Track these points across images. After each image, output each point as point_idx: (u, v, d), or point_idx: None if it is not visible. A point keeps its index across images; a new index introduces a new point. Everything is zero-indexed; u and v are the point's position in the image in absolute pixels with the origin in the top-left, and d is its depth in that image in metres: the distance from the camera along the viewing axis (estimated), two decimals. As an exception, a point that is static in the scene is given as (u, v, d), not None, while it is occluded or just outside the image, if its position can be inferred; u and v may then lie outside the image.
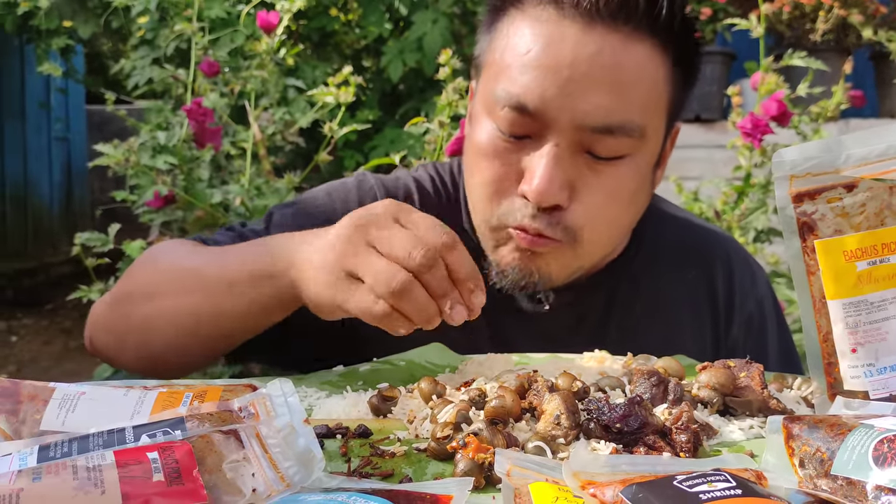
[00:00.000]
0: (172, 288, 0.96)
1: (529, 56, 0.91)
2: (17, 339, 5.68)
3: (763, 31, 2.08)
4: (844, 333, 0.67)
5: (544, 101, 0.90)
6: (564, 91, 0.89)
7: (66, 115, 8.50)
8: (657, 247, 1.13)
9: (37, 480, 0.48)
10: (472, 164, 1.00)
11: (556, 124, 0.91)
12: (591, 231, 0.95)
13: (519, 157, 0.94)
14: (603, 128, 0.90)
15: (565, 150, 0.91)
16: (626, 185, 0.95)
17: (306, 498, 0.49)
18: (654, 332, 1.09)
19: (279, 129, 2.44)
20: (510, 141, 0.94)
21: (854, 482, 0.50)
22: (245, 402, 0.61)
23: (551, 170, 0.90)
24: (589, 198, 0.93)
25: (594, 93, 0.89)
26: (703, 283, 1.13)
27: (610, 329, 1.08)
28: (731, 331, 1.13)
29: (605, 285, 1.09)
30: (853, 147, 0.66)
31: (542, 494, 0.50)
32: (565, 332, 1.07)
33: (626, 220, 1.00)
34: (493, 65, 0.97)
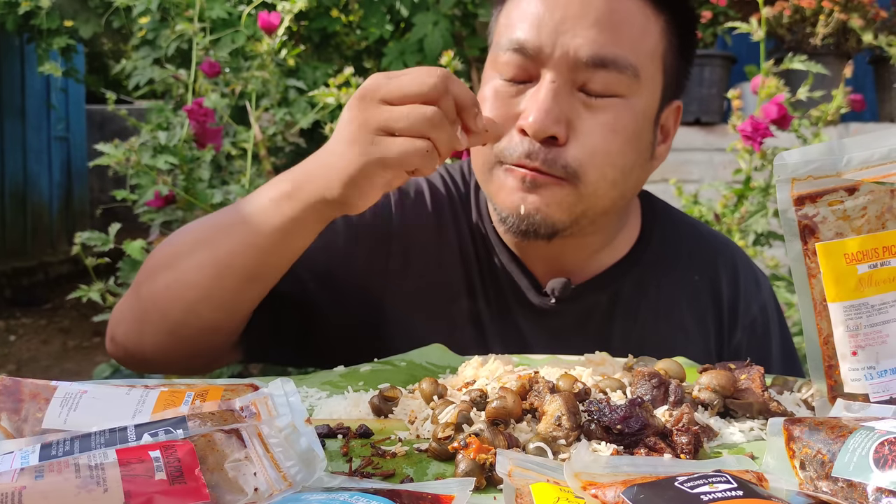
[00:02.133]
0: (188, 248, 0.97)
1: (530, 6, 0.99)
2: (15, 339, 5.68)
3: (763, 35, 2.08)
4: (845, 336, 0.67)
5: (540, 38, 0.96)
6: (559, 29, 0.96)
7: (66, 114, 8.50)
8: (665, 249, 1.14)
9: (39, 478, 0.48)
10: None
11: (551, 60, 0.96)
12: (591, 167, 0.97)
13: (518, 100, 0.99)
14: (596, 59, 0.95)
15: (561, 86, 0.96)
16: (623, 123, 0.98)
17: (308, 497, 0.49)
18: (658, 333, 1.10)
19: (280, 129, 2.44)
20: (511, 86, 0.99)
21: (855, 484, 0.51)
22: (247, 401, 0.61)
23: (548, 102, 0.95)
24: (586, 135, 0.97)
25: (586, 28, 0.96)
26: (708, 288, 1.14)
27: (615, 328, 1.09)
28: (735, 335, 1.14)
29: (612, 283, 1.10)
30: (855, 150, 0.67)
31: (543, 495, 0.50)
32: (571, 329, 1.08)
33: (625, 161, 1.00)
34: (500, 29, 1.03)
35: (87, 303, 2.10)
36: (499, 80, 1.00)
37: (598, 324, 1.09)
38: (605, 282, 1.10)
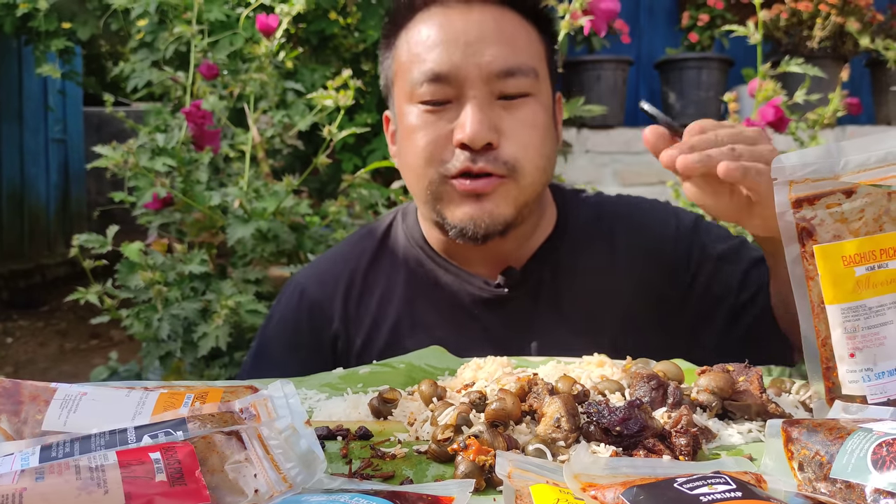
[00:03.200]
0: None
1: (430, 39, 1.11)
2: (12, 341, 5.67)
3: (760, 38, 2.09)
4: (843, 338, 0.67)
5: (454, 65, 1.09)
6: (467, 53, 1.09)
7: (63, 116, 8.49)
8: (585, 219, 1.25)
9: (40, 480, 0.48)
10: (406, 150, 1.15)
11: (469, 81, 1.09)
12: (525, 160, 1.10)
13: (445, 121, 1.10)
14: (506, 71, 1.09)
15: (483, 100, 1.09)
16: (538, 117, 1.13)
17: (308, 499, 0.49)
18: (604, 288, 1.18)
19: (278, 131, 2.44)
20: (435, 110, 1.11)
21: (853, 485, 0.51)
22: (246, 403, 0.61)
23: (477, 114, 1.08)
24: (513, 133, 1.10)
25: (490, 47, 1.09)
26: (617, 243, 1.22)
27: (563, 296, 1.18)
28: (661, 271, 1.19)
29: (547, 258, 1.20)
30: (852, 153, 0.67)
31: (543, 496, 0.50)
32: (528, 309, 1.18)
33: (546, 150, 1.14)
34: (401, 67, 1.15)
35: (85, 305, 2.09)
36: (420, 108, 1.12)
37: (548, 296, 1.19)
38: (542, 257, 1.20)
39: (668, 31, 4.76)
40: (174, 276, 2.07)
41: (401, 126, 1.16)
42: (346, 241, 1.33)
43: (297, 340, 1.23)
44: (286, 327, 1.25)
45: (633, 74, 4.59)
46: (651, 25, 4.85)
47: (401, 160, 1.19)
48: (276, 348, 1.24)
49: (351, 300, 1.22)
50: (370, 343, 1.19)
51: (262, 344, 1.26)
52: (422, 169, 1.12)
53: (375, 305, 1.21)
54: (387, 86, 1.21)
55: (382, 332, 1.19)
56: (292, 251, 2.21)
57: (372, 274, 1.23)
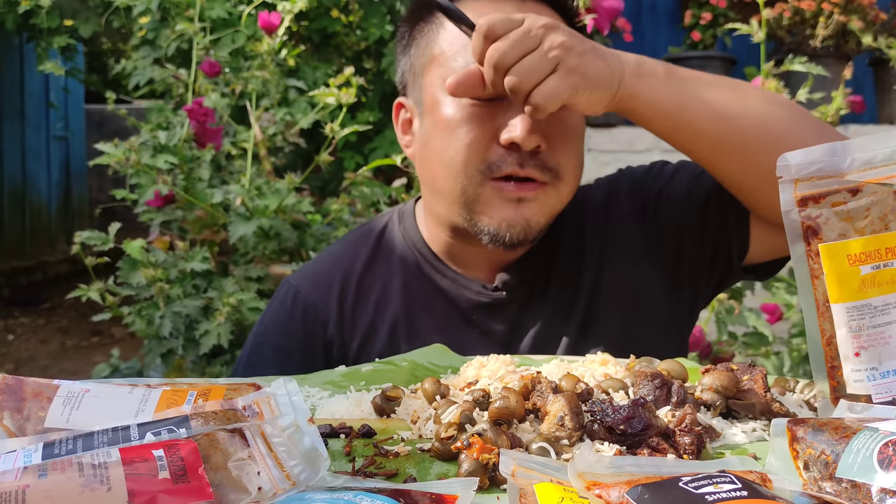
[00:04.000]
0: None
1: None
2: (13, 338, 5.67)
3: (763, 37, 2.08)
4: (848, 337, 0.67)
5: None
6: None
7: (65, 114, 8.49)
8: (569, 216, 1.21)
9: (43, 477, 0.48)
10: (442, 144, 1.09)
11: None
12: (567, 167, 1.09)
13: (493, 116, 1.06)
14: None
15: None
16: (578, 123, 1.11)
17: (312, 496, 0.49)
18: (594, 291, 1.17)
19: (280, 129, 2.44)
20: (482, 106, 1.06)
21: (859, 485, 0.51)
22: (249, 400, 0.61)
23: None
24: (558, 139, 1.07)
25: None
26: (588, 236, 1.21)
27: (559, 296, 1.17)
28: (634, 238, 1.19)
29: (539, 256, 1.18)
30: (858, 151, 0.67)
31: (547, 495, 0.50)
32: (528, 308, 1.17)
33: (581, 157, 1.13)
34: (442, 54, 1.10)
35: (86, 302, 2.09)
36: (465, 100, 1.06)
37: (543, 298, 1.17)
38: (537, 258, 1.18)
39: (671, 30, 4.75)
40: (176, 273, 2.07)
41: (433, 116, 1.10)
42: (340, 242, 1.30)
43: (290, 344, 1.20)
44: (279, 330, 1.22)
45: (636, 73, 4.56)
46: (654, 24, 4.84)
47: (428, 153, 1.13)
48: (269, 352, 1.21)
49: (346, 304, 1.19)
50: (366, 348, 1.17)
51: (254, 347, 1.23)
52: (461, 166, 1.06)
53: (372, 310, 1.18)
54: (410, 72, 1.16)
55: (379, 337, 1.17)
56: (294, 249, 2.21)
57: (367, 278, 1.20)
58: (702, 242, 1.16)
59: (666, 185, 1.20)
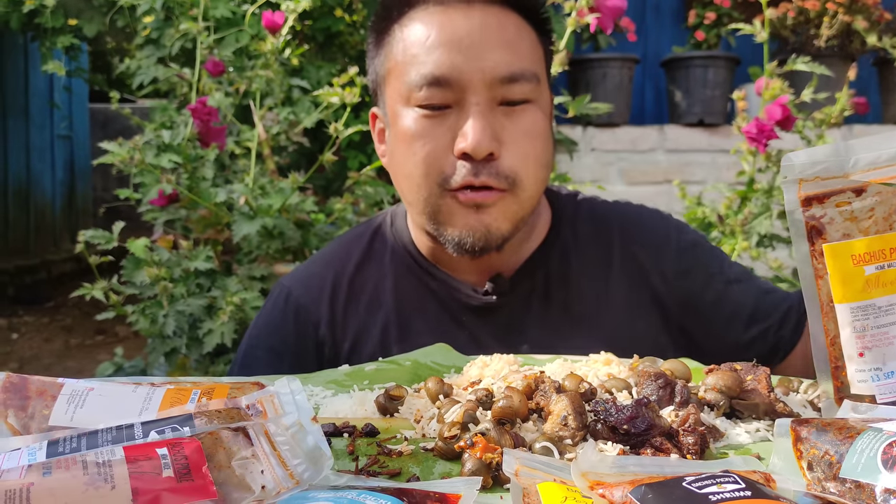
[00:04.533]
0: None
1: (431, 40, 1.06)
2: (18, 337, 5.68)
3: (767, 37, 2.08)
4: (852, 337, 0.67)
5: (455, 68, 1.04)
6: (469, 56, 1.04)
7: (69, 113, 8.51)
8: (578, 229, 1.22)
9: (47, 475, 0.48)
10: (401, 159, 1.11)
11: (471, 86, 1.04)
12: (525, 173, 1.07)
13: (445, 127, 1.06)
14: (509, 77, 1.05)
15: (485, 106, 1.05)
16: (539, 125, 1.09)
17: (316, 495, 0.49)
18: (591, 298, 1.17)
19: (284, 128, 2.44)
20: (434, 115, 1.06)
21: (863, 485, 0.50)
22: (253, 399, 0.61)
23: (480, 122, 1.04)
24: (514, 143, 1.06)
25: (493, 52, 1.05)
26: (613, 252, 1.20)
27: (552, 304, 1.16)
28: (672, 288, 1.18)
29: (538, 266, 1.18)
30: (862, 151, 0.67)
31: (551, 494, 0.50)
32: (516, 318, 1.16)
33: (545, 159, 1.11)
34: (398, 66, 1.10)
35: (90, 301, 2.09)
36: (418, 112, 1.07)
37: (539, 304, 1.17)
38: (533, 265, 1.18)
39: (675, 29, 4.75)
40: (180, 272, 2.07)
41: (394, 128, 1.12)
42: (334, 243, 1.30)
43: (282, 345, 1.20)
44: (271, 332, 1.22)
45: (640, 73, 4.57)
46: (657, 23, 4.83)
47: (394, 165, 1.15)
48: (262, 353, 1.21)
49: (338, 305, 1.19)
50: (357, 349, 1.17)
51: (248, 348, 1.23)
52: (420, 179, 1.07)
53: (363, 311, 1.18)
54: (376, 82, 1.17)
55: (370, 338, 1.17)
56: (297, 248, 2.21)
57: (359, 278, 1.20)
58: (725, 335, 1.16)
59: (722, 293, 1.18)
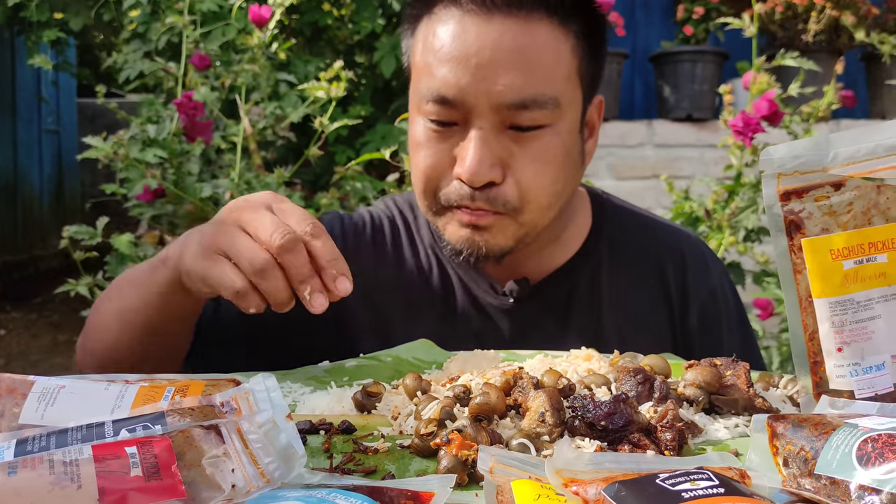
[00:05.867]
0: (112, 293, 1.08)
1: (442, 52, 0.99)
2: (5, 333, 5.65)
3: (755, 31, 2.08)
4: (830, 332, 0.67)
5: (461, 89, 0.98)
6: (476, 77, 0.97)
7: (57, 107, 8.45)
8: (615, 242, 1.18)
9: (12, 475, 0.47)
10: (412, 158, 1.08)
11: (476, 109, 0.98)
12: (528, 201, 1.02)
13: (449, 144, 1.02)
14: (518, 104, 0.97)
15: (489, 131, 0.99)
16: (553, 152, 1.02)
17: (286, 494, 0.49)
18: (613, 324, 1.13)
19: (270, 123, 2.43)
20: (439, 130, 1.02)
21: (837, 482, 0.50)
22: (227, 396, 0.60)
23: (479, 151, 0.98)
24: (520, 170, 1.00)
25: (503, 74, 0.97)
26: (656, 277, 1.17)
27: (572, 322, 1.13)
28: (687, 320, 1.16)
29: (568, 279, 1.14)
30: (841, 146, 0.66)
31: (524, 492, 0.49)
32: (530, 327, 1.12)
33: (558, 186, 1.05)
34: (415, 66, 1.06)
35: (77, 297, 2.08)
36: (426, 123, 1.03)
37: (556, 319, 1.13)
38: (562, 278, 1.14)
39: (664, 24, 4.75)
40: (165, 268, 2.05)
41: (411, 132, 1.08)
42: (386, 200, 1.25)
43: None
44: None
45: (628, 67, 4.57)
46: (646, 18, 4.83)
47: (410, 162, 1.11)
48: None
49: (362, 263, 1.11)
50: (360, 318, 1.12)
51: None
52: (421, 190, 1.06)
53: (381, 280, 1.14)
54: (407, 66, 1.11)
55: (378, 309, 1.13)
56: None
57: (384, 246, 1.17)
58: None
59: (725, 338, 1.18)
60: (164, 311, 0.97)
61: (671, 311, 1.16)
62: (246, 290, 0.81)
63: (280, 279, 0.80)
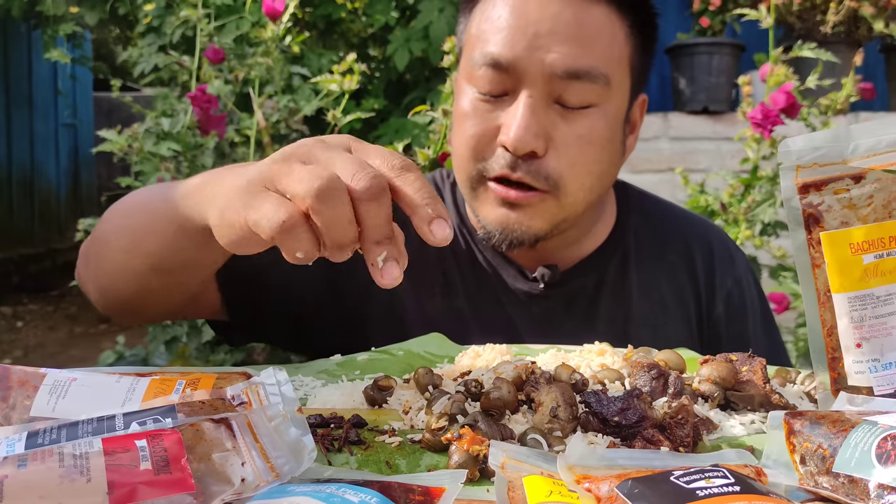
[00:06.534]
0: (118, 215, 0.99)
1: (501, 20, 1.01)
2: (22, 325, 5.70)
3: (773, 23, 2.05)
4: (849, 328, 0.66)
5: (515, 54, 0.99)
6: (533, 45, 0.98)
7: (73, 101, 8.50)
8: (641, 232, 1.18)
9: (22, 467, 0.47)
10: (454, 133, 1.08)
11: (528, 76, 0.99)
12: (570, 178, 1.01)
13: (497, 114, 1.02)
14: (570, 72, 0.98)
15: (538, 100, 0.99)
16: (598, 132, 1.02)
17: (295, 489, 0.48)
18: (641, 313, 1.13)
19: (283, 116, 2.43)
20: (488, 100, 1.02)
21: (856, 480, 0.49)
22: (238, 390, 0.60)
23: (527, 118, 0.98)
24: (564, 145, 1.00)
25: (559, 44, 0.98)
26: (684, 265, 1.17)
27: (600, 310, 1.13)
28: (714, 309, 1.17)
29: (596, 268, 1.14)
30: (861, 137, 0.65)
31: (535, 488, 0.48)
32: (559, 314, 1.11)
33: (600, 168, 1.05)
34: (471, 39, 1.06)
35: (92, 290, 2.09)
36: (475, 93, 1.03)
37: (584, 307, 1.13)
38: (590, 266, 1.14)
39: (679, 16, 4.71)
40: (179, 261, 2.06)
41: (456, 101, 1.08)
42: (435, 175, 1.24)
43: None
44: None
45: (644, 60, 4.53)
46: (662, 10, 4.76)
47: (451, 139, 1.11)
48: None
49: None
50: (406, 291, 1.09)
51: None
52: (464, 160, 1.04)
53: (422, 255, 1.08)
54: (460, 47, 1.12)
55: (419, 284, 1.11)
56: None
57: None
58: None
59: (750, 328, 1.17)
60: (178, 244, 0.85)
61: (698, 300, 1.16)
62: (294, 221, 0.59)
63: (346, 204, 0.58)
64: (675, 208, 1.26)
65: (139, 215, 0.94)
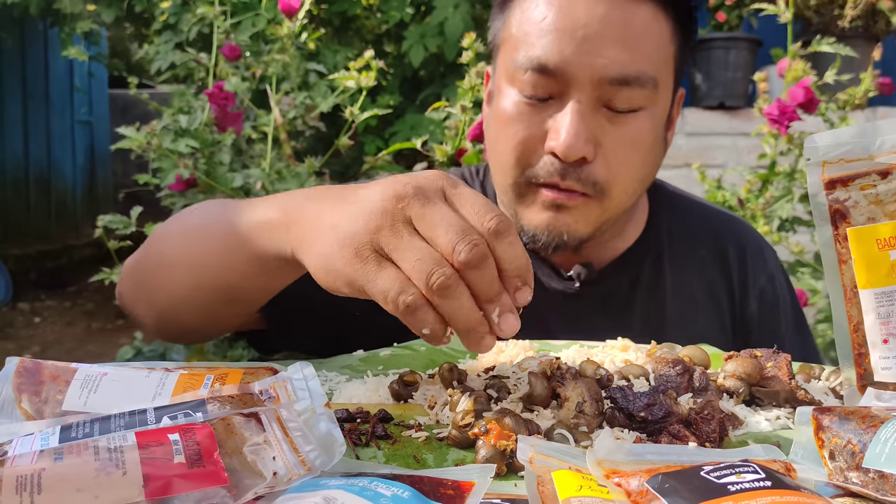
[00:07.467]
0: (179, 239, 0.95)
1: (546, 22, 0.97)
2: (40, 321, 5.75)
3: (790, 17, 2.04)
4: (876, 324, 0.65)
5: (564, 59, 0.96)
6: (581, 49, 0.95)
7: (89, 99, 8.56)
8: (674, 230, 1.17)
9: (58, 460, 0.48)
10: (496, 135, 1.05)
11: (576, 81, 0.96)
12: (616, 185, 1.00)
13: (543, 118, 0.99)
14: (620, 79, 0.96)
15: (587, 105, 0.97)
16: (645, 136, 1.01)
17: (328, 482, 0.49)
18: (675, 312, 1.13)
19: (300, 113, 2.44)
20: (533, 103, 0.99)
21: (886, 476, 0.49)
22: (266, 385, 0.61)
23: (577, 124, 0.96)
24: (612, 150, 0.99)
25: (608, 48, 0.95)
26: (717, 262, 1.17)
27: (635, 309, 1.12)
28: (747, 306, 1.16)
29: (629, 267, 1.13)
30: (888, 133, 0.65)
31: (565, 482, 0.49)
32: (593, 313, 1.11)
33: (645, 171, 1.04)
34: (511, 38, 1.02)
35: (111, 286, 2.10)
36: (519, 96, 1.00)
37: (618, 306, 1.12)
38: (624, 265, 1.13)
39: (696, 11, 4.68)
40: (197, 257, 2.07)
41: (496, 102, 1.05)
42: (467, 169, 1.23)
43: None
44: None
45: (659, 55, 4.50)
46: (678, 5, 4.75)
47: (489, 137, 1.09)
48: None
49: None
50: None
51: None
52: (509, 167, 1.02)
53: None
54: (493, 44, 1.09)
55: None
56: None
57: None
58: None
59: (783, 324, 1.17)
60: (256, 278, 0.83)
61: (732, 297, 1.16)
62: (417, 304, 0.63)
63: (467, 298, 0.63)
64: (705, 205, 1.25)
65: (200, 242, 0.90)
